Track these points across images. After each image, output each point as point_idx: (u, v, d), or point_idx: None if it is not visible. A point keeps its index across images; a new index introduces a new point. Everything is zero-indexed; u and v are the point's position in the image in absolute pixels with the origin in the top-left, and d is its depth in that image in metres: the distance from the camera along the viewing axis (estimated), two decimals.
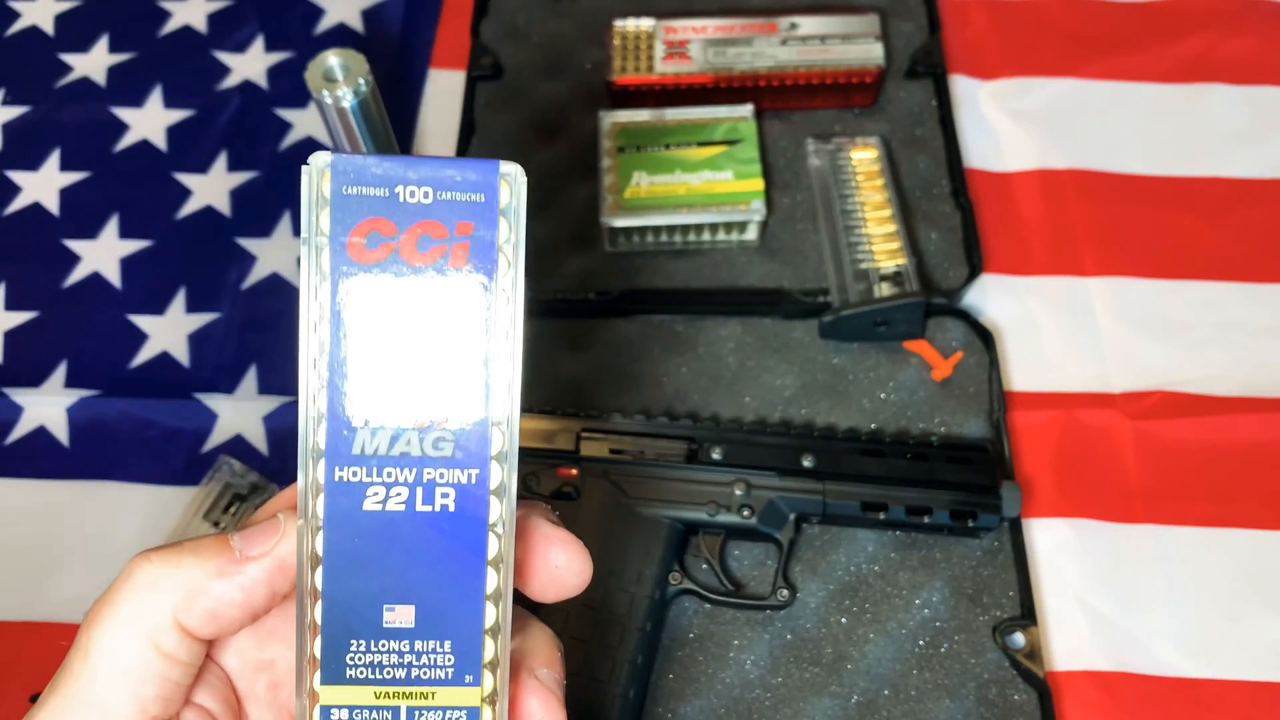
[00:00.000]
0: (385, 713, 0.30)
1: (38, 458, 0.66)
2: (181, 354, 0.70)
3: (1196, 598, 0.60)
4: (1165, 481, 0.64)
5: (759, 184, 0.69)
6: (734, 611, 0.60)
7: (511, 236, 0.29)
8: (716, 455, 0.59)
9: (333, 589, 0.29)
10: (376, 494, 0.29)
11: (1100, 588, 0.61)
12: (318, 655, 0.30)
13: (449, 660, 0.30)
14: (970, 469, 0.59)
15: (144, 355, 0.70)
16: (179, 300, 0.72)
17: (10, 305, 0.72)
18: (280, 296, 0.72)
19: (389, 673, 0.30)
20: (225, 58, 0.82)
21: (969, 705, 0.57)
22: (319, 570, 0.29)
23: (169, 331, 0.70)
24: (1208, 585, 0.61)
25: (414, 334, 0.29)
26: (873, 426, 0.65)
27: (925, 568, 0.60)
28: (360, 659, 0.30)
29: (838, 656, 0.58)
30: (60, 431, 0.67)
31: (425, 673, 0.30)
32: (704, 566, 0.60)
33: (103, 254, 0.73)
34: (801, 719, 0.57)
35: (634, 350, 0.68)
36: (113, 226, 0.75)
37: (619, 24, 0.76)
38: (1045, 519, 0.63)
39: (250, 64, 0.81)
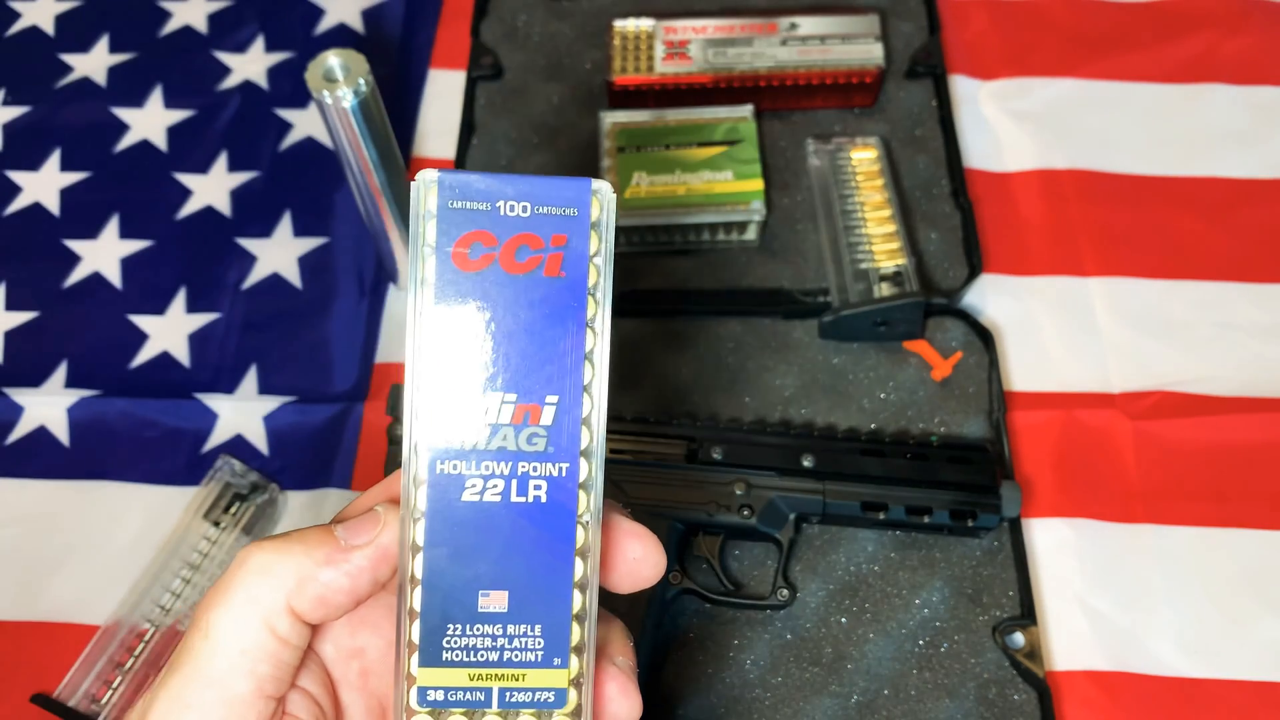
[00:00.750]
0: (478, 693, 0.32)
1: (38, 458, 0.66)
2: (181, 354, 0.70)
3: (1196, 598, 0.60)
4: (1165, 481, 0.64)
5: (759, 184, 0.69)
6: (734, 611, 0.60)
7: (601, 248, 0.32)
8: (716, 455, 0.59)
9: (431, 576, 0.31)
10: (474, 486, 0.31)
11: (1100, 588, 0.61)
12: (416, 640, 0.31)
13: (539, 644, 0.32)
14: (970, 469, 0.59)
15: (144, 355, 0.70)
16: (179, 300, 0.72)
17: (10, 305, 0.72)
18: (280, 296, 0.72)
19: (483, 655, 0.32)
20: (225, 58, 0.82)
21: (969, 705, 0.57)
22: (419, 558, 0.31)
23: (169, 331, 0.70)
24: (1208, 585, 0.61)
25: (511, 337, 0.32)
26: (873, 426, 0.65)
27: (925, 567, 0.60)
28: (456, 642, 0.32)
29: (838, 656, 0.58)
30: (60, 431, 0.67)
31: (516, 655, 0.32)
32: (704, 566, 0.60)
33: (103, 254, 0.73)
34: (801, 718, 0.57)
35: (634, 350, 0.68)
36: (113, 226, 0.75)
37: (619, 24, 0.76)
38: (1045, 519, 0.63)
39: (250, 64, 0.81)
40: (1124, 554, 0.62)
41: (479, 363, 0.31)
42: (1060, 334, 0.69)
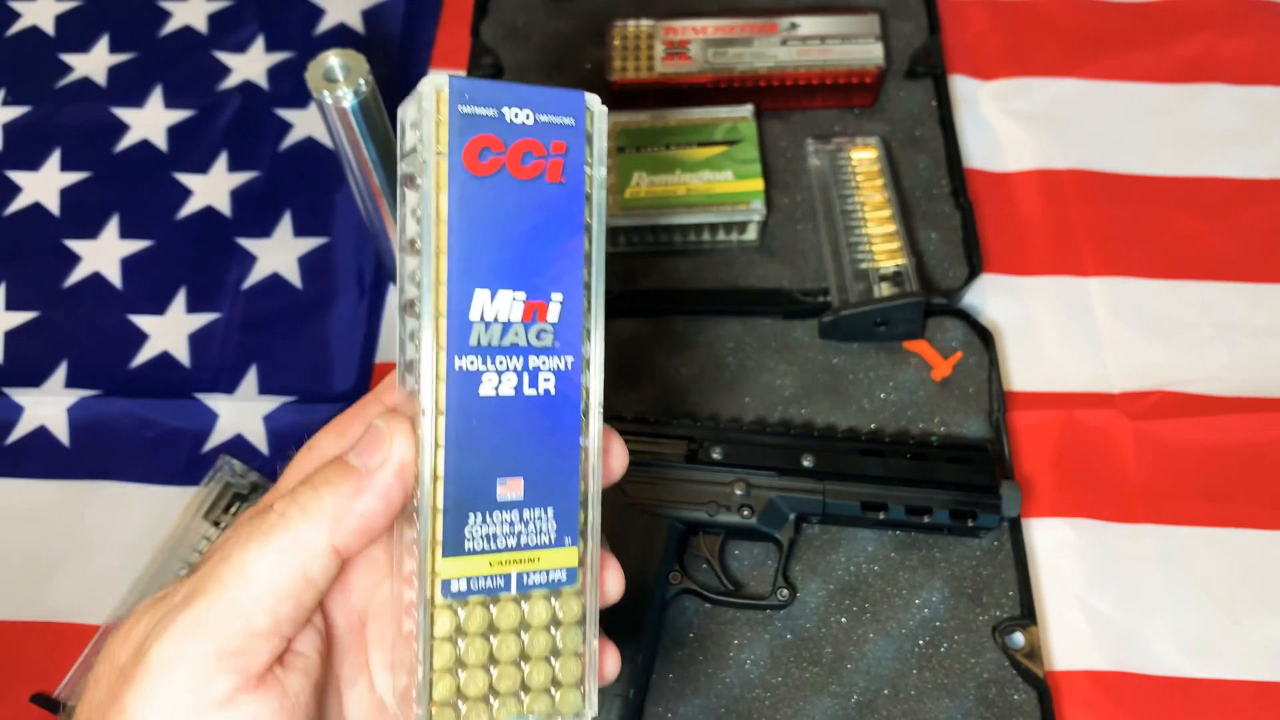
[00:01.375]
0: (498, 579, 0.34)
1: (38, 458, 0.66)
2: (181, 354, 0.70)
3: (1196, 598, 0.60)
4: (1165, 481, 0.64)
5: (759, 184, 0.69)
6: (734, 611, 0.60)
7: (593, 158, 0.34)
8: (716, 455, 0.59)
9: (453, 469, 0.33)
10: (490, 381, 0.33)
11: (1100, 587, 0.61)
12: (439, 535, 0.33)
13: (552, 526, 0.34)
14: (970, 469, 0.59)
15: (144, 355, 0.70)
16: (179, 300, 0.72)
17: (10, 305, 0.72)
18: (281, 296, 0.72)
19: (502, 541, 0.34)
20: (225, 58, 0.82)
21: (969, 705, 0.57)
22: (440, 454, 0.33)
23: (169, 331, 0.70)
24: (1208, 585, 0.61)
25: (521, 239, 0.33)
26: (873, 426, 0.65)
27: (925, 567, 0.60)
28: (477, 531, 0.33)
29: (837, 656, 0.58)
30: (60, 431, 0.67)
31: (532, 538, 0.34)
32: (704, 566, 0.60)
33: (103, 254, 0.73)
34: (801, 719, 0.57)
35: (634, 350, 0.68)
36: (113, 226, 0.75)
37: (619, 24, 0.76)
38: (1045, 519, 0.63)
39: (250, 64, 0.81)
40: (1124, 554, 0.62)
41: (490, 262, 0.33)
42: (1060, 334, 0.69)
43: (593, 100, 0.34)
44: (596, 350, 0.35)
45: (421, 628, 0.33)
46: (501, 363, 0.33)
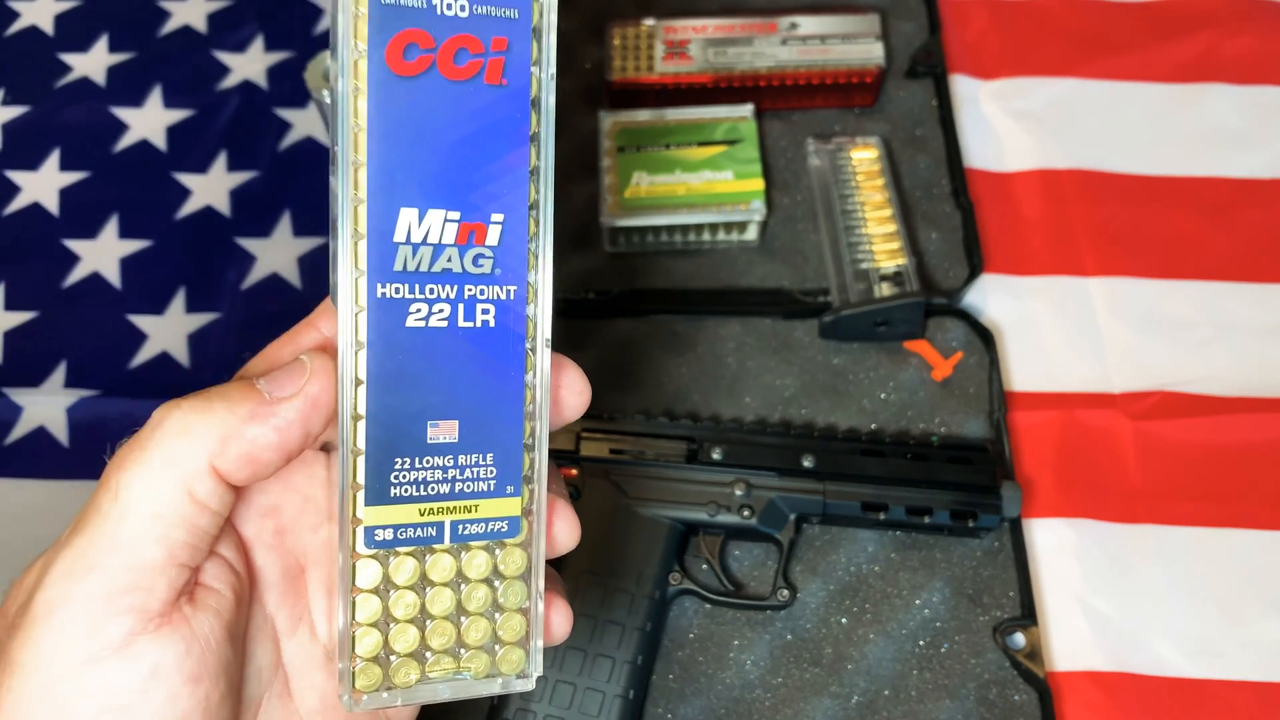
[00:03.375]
0: (430, 529, 0.31)
1: (38, 458, 0.66)
2: (181, 354, 0.70)
3: (1196, 598, 0.60)
4: (1165, 481, 0.64)
5: (759, 184, 0.69)
6: (734, 612, 0.60)
7: (542, 57, 0.30)
8: (716, 455, 0.59)
9: (376, 409, 0.30)
10: (419, 311, 0.30)
11: (1100, 588, 0.61)
12: (360, 480, 0.30)
13: (491, 473, 0.31)
14: (970, 469, 0.59)
15: (144, 355, 0.70)
16: (179, 300, 0.72)
17: (10, 305, 0.72)
18: (280, 296, 0.72)
19: (433, 489, 0.31)
20: (225, 58, 0.82)
21: (969, 706, 0.56)
22: (361, 391, 0.30)
23: (169, 331, 0.70)
24: (1208, 585, 0.61)
25: (452, 150, 0.29)
26: (873, 426, 0.65)
27: (925, 568, 0.60)
28: (404, 477, 0.30)
29: (838, 657, 0.58)
30: (60, 431, 0.67)
31: (469, 486, 0.31)
32: (704, 566, 0.60)
33: (103, 254, 0.73)
34: (801, 719, 0.57)
35: (634, 350, 0.68)
36: (112, 226, 0.74)
37: (619, 23, 0.76)
38: (1045, 519, 0.63)
39: (250, 64, 0.81)
40: (1125, 554, 0.61)
41: (418, 177, 0.29)
42: (1060, 334, 0.69)
43: None
44: (545, 278, 0.31)
45: (343, 578, 0.30)
46: (432, 291, 0.30)
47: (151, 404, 0.72)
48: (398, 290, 0.29)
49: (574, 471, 0.58)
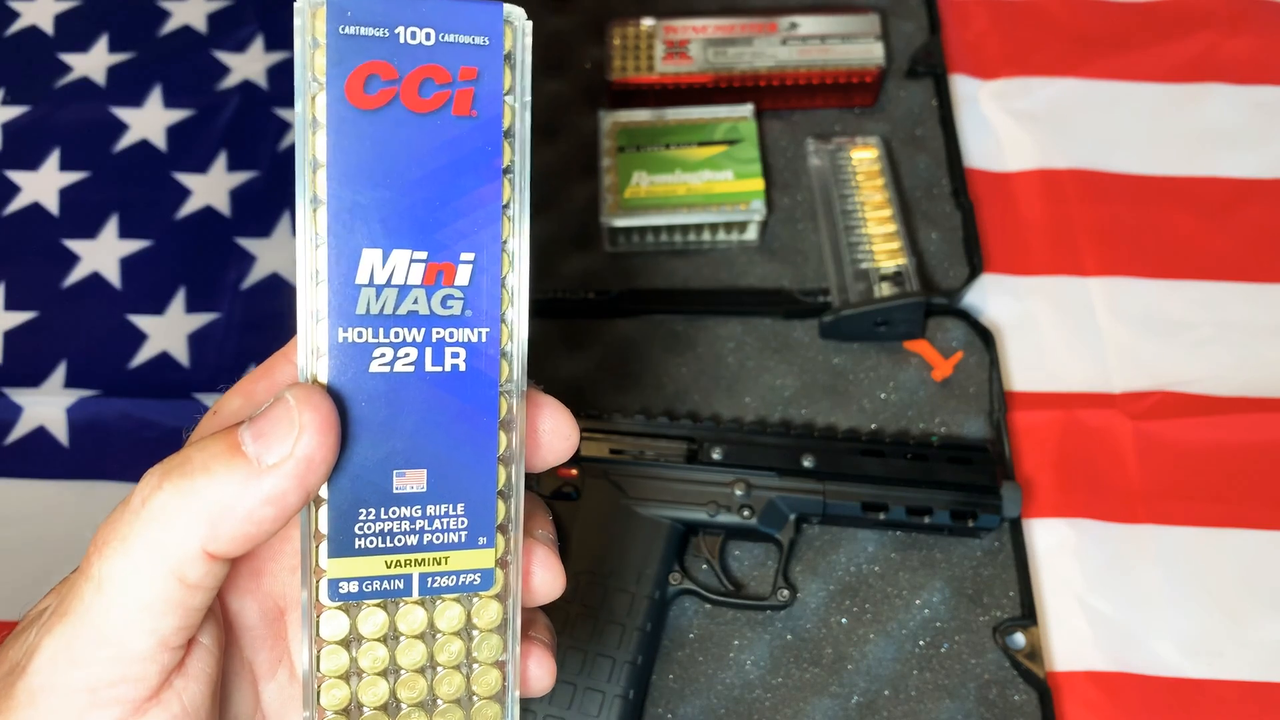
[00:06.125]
0: (397, 580, 0.30)
1: (38, 458, 0.66)
2: (181, 354, 0.70)
3: (1196, 598, 0.60)
4: (1165, 481, 0.64)
5: (759, 184, 0.69)
6: (734, 612, 0.60)
7: (516, 85, 0.28)
8: (716, 455, 0.59)
9: (339, 458, 0.28)
10: (383, 355, 0.28)
11: (1100, 588, 0.61)
12: (323, 529, 0.29)
13: (462, 524, 0.30)
14: (970, 469, 0.59)
15: (144, 355, 0.70)
16: (179, 300, 0.72)
17: (10, 305, 0.72)
18: (280, 296, 0.72)
19: (400, 540, 0.29)
20: (225, 57, 0.82)
21: (969, 705, 0.56)
22: None
23: (169, 331, 0.70)
24: (1208, 585, 0.61)
25: (419, 185, 0.28)
26: (873, 427, 0.65)
27: (925, 568, 0.60)
28: (370, 528, 0.29)
29: (838, 657, 0.58)
30: (60, 431, 0.67)
31: (438, 537, 0.30)
32: (704, 566, 0.60)
33: (102, 254, 0.73)
34: (801, 719, 0.57)
35: (634, 350, 0.68)
36: (112, 226, 0.74)
37: (619, 23, 0.76)
38: (1045, 519, 0.63)
39: (250, 64, 0.81)
40: (1125, 554, 0.61)
41: (381, 216, 0.28)
42: (1060, 334, 0.69)
43: (513, 11, 0.28)
44: (520, 320, 0.29)
45: (307, 631, 0.29)
46: (397, 334, 0.28)
47: (151, 404, 0.72)
48: (360, 334, 0.28)
49: (574, 472, 0.58)
